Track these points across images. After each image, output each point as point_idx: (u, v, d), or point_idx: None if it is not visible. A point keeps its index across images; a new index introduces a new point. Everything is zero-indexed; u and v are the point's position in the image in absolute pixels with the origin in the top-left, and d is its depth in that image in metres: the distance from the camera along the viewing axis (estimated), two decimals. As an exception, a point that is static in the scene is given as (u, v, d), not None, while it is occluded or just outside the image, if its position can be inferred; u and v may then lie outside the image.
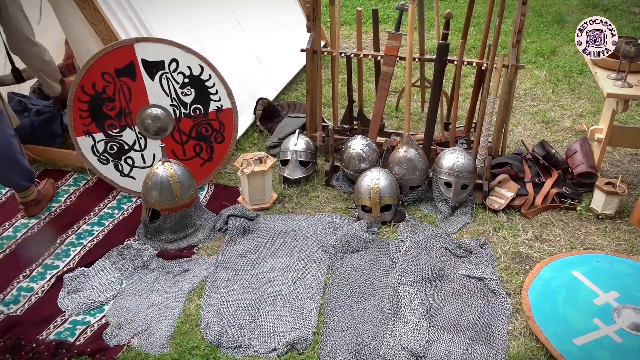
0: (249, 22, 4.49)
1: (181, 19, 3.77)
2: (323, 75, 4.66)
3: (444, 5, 6.87)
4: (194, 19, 3.89)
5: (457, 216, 3.15)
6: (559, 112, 4.34)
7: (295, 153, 3.45)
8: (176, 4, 3.82)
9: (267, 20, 4.81)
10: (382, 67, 3.46)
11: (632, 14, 6.53)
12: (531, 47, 5.56)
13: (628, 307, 2.49)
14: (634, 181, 3.46)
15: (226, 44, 4.12)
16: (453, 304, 2.56)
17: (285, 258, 2.87)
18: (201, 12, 4.00)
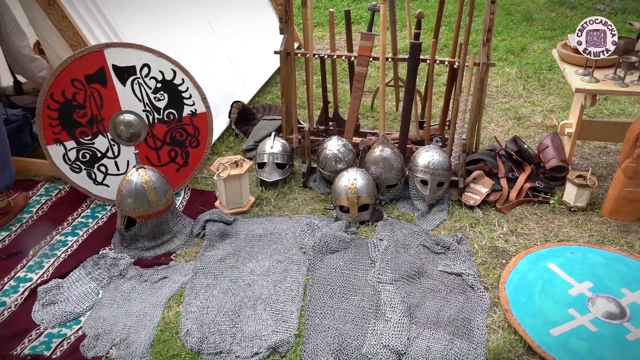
0: (221, 25, 4.46)
1: (152, 24, 3.73)
2: (297, 76, 4.67)
3: (415, 5, 6.94)
4: (165, 23, 3.85)
5: (434, 213, 3.18)
6: (530, 108, 4.42)
7: (271, 155, 3.44)
8: (147, 8, 3.78)
9: (240, 23, 4.79)
10: (356, 67, 3.47)
11: (598, 10, 6.71)
12: (501, 44, 5.66)
13: (601, 296, 2.55)
14: (604, 173, 3.54)
15: (199, 48, 4.09)
16: (432, 301, 2.58)
17: (265, 261, 2.86)
18: (173, 17, 3.97)
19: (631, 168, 2.98)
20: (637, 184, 3.00)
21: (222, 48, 4.40)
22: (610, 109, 4.38)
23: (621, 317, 2.44)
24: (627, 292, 2.58)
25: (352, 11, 6.63)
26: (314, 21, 6.39)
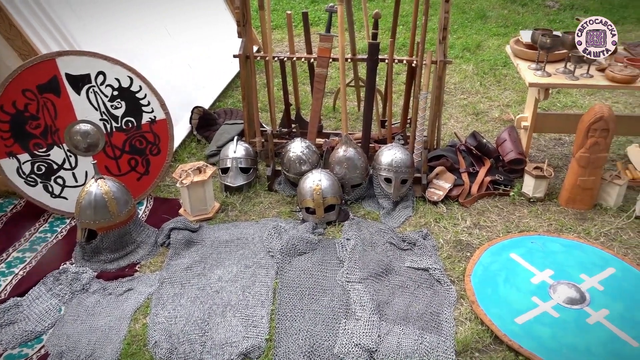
0: (179, 31, 4.40)
1: (107, 31, 3.64)
2: (258, 80, 4.65)
3: (373, 5, 7.02)
4: (120, 30, 3.76)
5: (399, 210, 3.22)
6: (488, 104, 4.54)
7: (235, 160, 3.41)
8: (101, 15, 3.68)
9: (198, 28, 4.73)
10: (316, 69, 3.48)
11: (547, 7, 6.94)
12: (458, 42, 5.78)
13: (562, 282, 2.64)
14: (559, 164, 3.67)
15: (156, 55, 4.02)
16: (401, 297, 2.61)
17: (232, 267, 2.83)
18: (128, 23, 3.88)
19: (584, 158, 3.09)
20: (590, 173, 3.11)
21: (180, 54, 4.34)
22: (563, 102, 4.53)
23: (581, 302, 2.53)
24: (586, 278, 2.68)
25: (310, 13, 6.67)
26: (272, 24, 6.40)
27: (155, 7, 4.19)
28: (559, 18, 6.47)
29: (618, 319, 2.44)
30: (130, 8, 3.93)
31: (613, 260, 2.80)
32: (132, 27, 3.88)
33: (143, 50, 3.86)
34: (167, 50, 4.20)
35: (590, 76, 3.17)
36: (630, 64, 3.16)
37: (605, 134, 3.02)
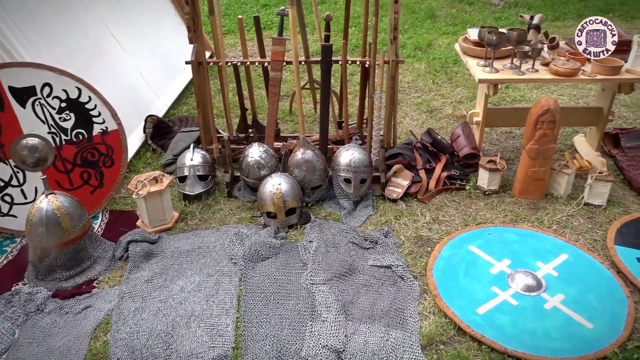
0: (128, 39, 4.29)
1: (51, 41, 3.51)
2: (212, 85, 4.60)
3: (324, 8, 7.07)
4: (65, 40, 3.64)
5: (360, 210, 3.25)
6: (441, 101, 4.64)
7: (192, 168, 3.36)
8: (44, 25, 3.55)
9: (148, 35, 4.64)
10: (270, 72, 3.47)
11: (493, 5, 7.16)
12: (409, 42, 5.89)
13: (519, 271, 2.72)
14: (511, 157, 3.79)
15: (105, 64, 3.91)
16: (366, 295, 2.63)
17: (195, 277, 2.78)
18: (73, 33, 3.75)
19: (534, 149, 3.20)
20: (540, 164, 3.23)
21: (130, 62, 4.24)
22: (512, 96, 4.69)
23: (538, 289, 2.62)
24: (541, 265, 2.77)
25: (262, 17, 6.65)
26: (224, 29, 6.35)
27: (101, 15, 4.07)
28: (504, 15, 6.69)
29: (573, 302, 2.54)
30: (74, 18, 3.81)
31: (565, 246, 2.91)
32: (78, 37, 3.76)
33: (91, 59, 3.75)
34: (116, 58, 4.09)
35: (536, 71, 3.29)
36: (572, 58, 3.29)
37: (552, 126, 3.14)
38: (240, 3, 7.44)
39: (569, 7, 6.90)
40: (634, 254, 2.81)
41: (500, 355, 2.30)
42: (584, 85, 4.77)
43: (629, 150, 3.70)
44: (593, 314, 2.47)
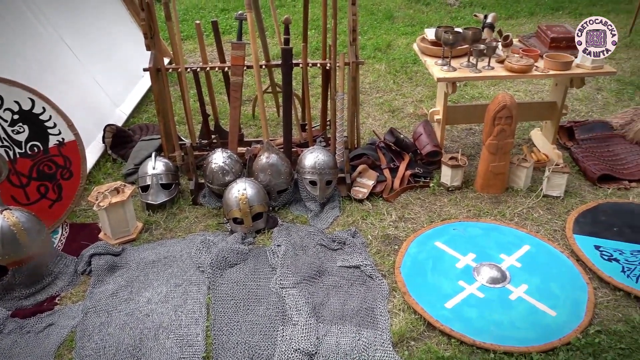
0: (83, 48, 4.17)
1: (1, 51, 3.38)
2: (173, 92, 4.53)
3: (283, 11, 7.06)
4: (16, 50, 3.51)
5: (327, 212, 3.26)
6: (402, 100, 4.70)
7: (155, 177, 3.30)
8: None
9: (103, 43, 4.53)
10: (231, 77, 3.45)
11: (449, 5, 7.31)
12: (369, 43, 5.95)
13: (484, 264, 2.79)
14: (472, 153, 3.87)
15: (60, 74, 3.80)
16: (336, 296, 2.64)
17: (162, 287, 2.73)
18: (24, 43, 3.63)
19: (493, 145, 3.28)
20: (500, 159, 3.31)
21: (86, 71, 4.13)
22: (470, 94, 4.79)
23: (503, 281, 2.68)
24: (505, 257, 2.84)
25: (220, 21, 6.60)
26: (183, 34, 6.26)
27: (53, 24, 3.94)
28: (460, 15, 6.83)
29: (536, 292, 2.61)
30: (25, 27, 3.68)
31: (527, 237, 2.99)
32: (30, 47, 3.64)
33: (44, 69, 3.63)
34: (71, 68, 3.98)
35: (492, 68, 3.38)
36: (525, 55, 3.40)
37: (509, 121, 3.23)
38: (198, 8, 7.35)
39: (521, 5, 7.11)
40: (591, 242, 2.91)
41: (469, 348, 2.34)
42: (538, 81, 4.93)
43: (583, 142, 3.84)
44: (555, 302, 2.55)
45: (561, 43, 3.51)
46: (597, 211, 3.17)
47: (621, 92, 4.69)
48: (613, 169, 3.56)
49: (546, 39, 3.56)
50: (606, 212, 3.17)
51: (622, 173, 3.54)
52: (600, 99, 4.63)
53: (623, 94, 4.67)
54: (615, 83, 4.86)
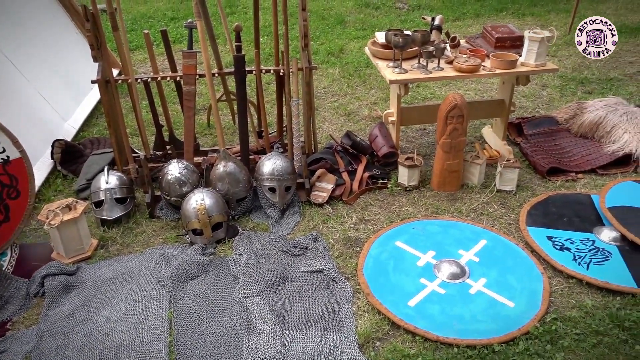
0: (26, 62, 4.01)
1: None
2: (124, 103, 4.43)
3: (234, 18, 7.02)
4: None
5: (287, 217, 3.25)
6: (357, 103, 4.75)
7: (108, 191, 3.20)
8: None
9: (48, 56, 4.37)
10: (184, 87, 3.40)
11: (398, 9, 7.45)
12: (322, 48, 5.99)
13: (444, 261, 2.84)
14: (427, 152, 3.95)
15: (2, 90, 3.63)
16: (300, 302, 2.63)
17: (121, 305, 2.65)
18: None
19: (447, 143, 3.36)
20: (454, 157, 3.40)
21: (31, 86, 3.97)
22: (422, 94, 4.90)
23: (462, 276, 2.75)
24: (464, 252, 2.91)
25: (170, 30, 6.50)
26: (132, 44, 6.13)
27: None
28: (409, 18, 6.98)
29: (494, 284, 2.69)
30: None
31: (483, 232, 3.08)
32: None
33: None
34: (14, 83, 3.82)
35: (441, 69, 3.46)
36: (473, 55, 3.50)
37: (461, 120, 3.32)
38: (147, 17, 7.22)
39: (467, 7, 7.33)
40: (543, 233, 3.02)
41: (433, 344, 2.38)
42: (487, 80, 5.09)
43: (531, 137, 3.99)
44: (513, 293, 2.63)
45: (506, 43, 3.64)
46: (547, 203, 3.30)
47: (564, 88, 4.91)
48: (560, 162, 3.71)
49: (491, 39, 3.68)
50: (556, 203, 3.29)
51: (569, 165, 3.70)
52: (545, 95, 4.82)
53: (566, 89, 4.89)
54: (558, 79, 5.07)
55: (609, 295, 2.62)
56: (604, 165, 3.66)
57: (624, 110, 3.96)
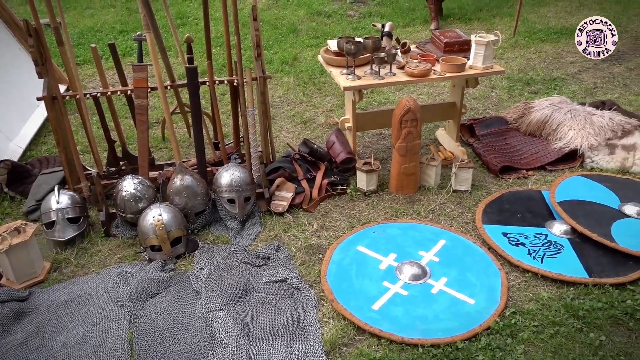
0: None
1: None
2: (73, 120, 4.30)
3: (186, 29, 6.95)
4: None
5: (248, 228, 3.22)
6: (313, 111, 4.78)
7: (60, 212, 3.09)
8: None
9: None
10: (135, 100, 3.32)
11: (349, 16, 7.55)
12: (275, 57, 5.99)
13: (405, 262, 2.88)
14: (384, 156, 4.01)
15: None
16: (265, 313, 2.61)
17: (78, 329, 2.55)
18: None
19: (402, 147, 3.42)
20: (410, 160, 3.46)
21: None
22: (377, 100, 4.97)
23: (424, 276, 2.79)
24: (424, 253, 2.96)
25: (120, 43, 6.36)
26: (79, 59, 5.96)
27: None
28: (360, 25, 7.08)
29: (455, 283, 2.74)
30: None
31: (442, 232, 3.14)
32: None
33: None
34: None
35: (394, 74, 3.52)
36: (423, 60, 3.58)
37: (415, 123, 3.38)
38: (94, 31, 7.04)
39: (416, 13, 7.51)
40: (499, 230, 3.11)
41: (398, 346, 2.41)
42: (438, 84, 5.21)
43: (483, 137, 4.11)
44: (473, 290, 2.69)
45: (454, 47, 3.75)
46: (501, 201, 3.40)
47: (512, 89, 5.09)
48: (512, 160, 3.84)
49: (440, 44, 3.78)
50: (509, 200, 3.40)
51: (520, 163, 3.83)
52: (494, 96, 4.98)
53: (514, 90, 5.07)
54: (506, 81, 5.25)
55: (563, 287, 2.72)
56: (552, 161, 3.81)
57: (568, 108, 4.14)
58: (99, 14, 7.93)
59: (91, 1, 8.61)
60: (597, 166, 3.76)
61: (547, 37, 6.39)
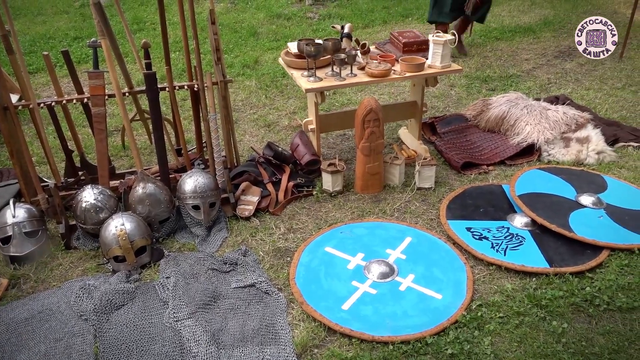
0: None
1: None
2: (28, 130, 4.16)
3: (143, 35, 6.82)
4: None
5: (214, 234, 3.18)
6: (276, 114, 4.76)
7: (16, 226, 2.98)
8: None
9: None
10: (92, 108, 3.24)
11: (309, 18, 7.58)
12: (236, 60, 5.95)
13: (373, 261, 2.91)
14: (349, 157, 4.03)
15: None
16: (234, 319, 2.58)
17: (40, 346, 2.46)
18: None
19: (366, 147, 3.45)
20: (374, 159, 3.49)
21: None
22: (340, 101, 5.00)
23: (392, 274, 2.82)
24: (391, 251, 2.99)
25: (74, 50, 6.20)
26: (32, 67, 5.78)
27: None
28: (320, 27, 7.11)
29: (422, 279, 2.78)
30: None
31: (408, 230, 3.18)
32: None
33: None
34: None
35: (355, 75, 3.55)
36: (383, 60, 3.62)
37: (377, 123, 3.42)
38: (47, 38, 6.83)
39: (375, 15, 7.59)
40: (463, 225, 3.18)
41: (369, 344, 2.42)
42: (399, 83, 5.29)
43: (444, 135, 4.19)
44: (440, 286, 2.73)
45: (412, 47, 3.81)
46: (464, 196, 3.47)
47: (470, 87, 5.21)
48: (473, 156, 3.92)
49: (399, 44, 3.83)
50: (472, 195, 3.48)
51: (481, 159, 3.92)
52: (454, 94, 5.09)
53: (472, 88, 5.19)
54: (464, 79, 5.37)
55: (526, 277, 2.80)
56: (511, 156, 3.91)
57: (524, 104, 4.27)
58: (51, 20, 7.70)
59: (42, 7, 8.36)
60: (554, 159, 3.89)
61: (502, 36, 6.58)
